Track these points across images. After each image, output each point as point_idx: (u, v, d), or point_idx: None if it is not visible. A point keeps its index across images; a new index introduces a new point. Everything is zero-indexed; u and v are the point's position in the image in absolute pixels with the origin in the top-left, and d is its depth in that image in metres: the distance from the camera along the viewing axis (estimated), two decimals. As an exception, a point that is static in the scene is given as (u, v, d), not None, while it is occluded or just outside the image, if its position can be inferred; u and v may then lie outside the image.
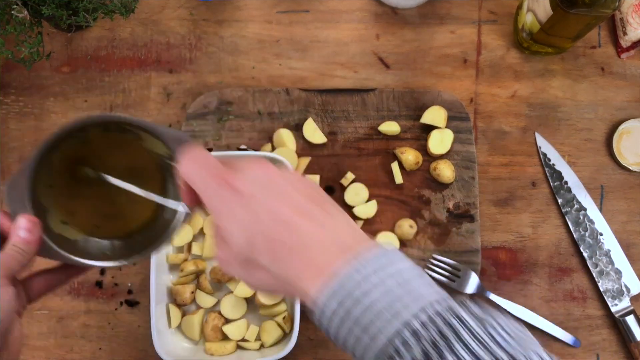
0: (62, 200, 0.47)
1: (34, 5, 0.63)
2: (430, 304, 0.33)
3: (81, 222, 0.48)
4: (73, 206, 0.48)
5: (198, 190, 0.38)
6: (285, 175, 0.38)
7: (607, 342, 0.71)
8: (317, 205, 0.37)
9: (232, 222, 0.36)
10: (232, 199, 0.36)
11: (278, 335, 0.66)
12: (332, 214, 0.37)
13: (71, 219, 0.47)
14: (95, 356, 0.70)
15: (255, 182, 0.37)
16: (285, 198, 0.36)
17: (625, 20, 0.71)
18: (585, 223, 0.71)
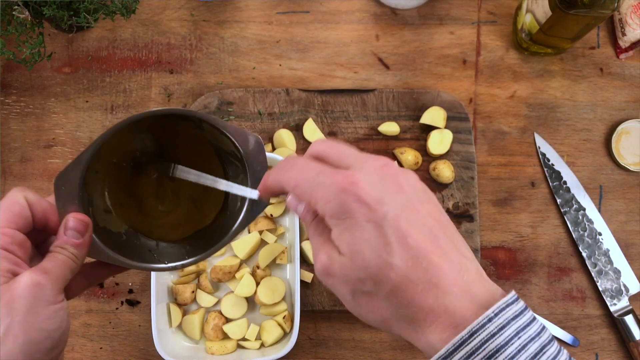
0: (109, 186, 0.44)
1: (35, 6, 0.64)
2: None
3: (128, 213, 0.44)
4: (121, 196, 0.44)
5: (303, 194, 0.34)
6: (410, 182, 0.34)
7: (606, 342, 0.71)
8: (448, 237, 0.33)
9: (357, 240, 0.32)
10: (358, 211, 0.32)
11: (278, 335, 0.66)
12: (462, 251, 0.33)
13: (116, 209, 0.44)
14: (96, 355, 0.71)
15: (384, 191, 0.33)
16: (419, 221, 0.32)
17: (624, 21, 0.71)
18: (584, 223, 0.72)
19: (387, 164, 0.34)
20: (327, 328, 0.71)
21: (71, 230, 0.39)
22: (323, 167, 0.34)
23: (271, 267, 0.69)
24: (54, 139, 0.74)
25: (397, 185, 0.33)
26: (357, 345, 0.71)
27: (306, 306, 0.69)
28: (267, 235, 0.69)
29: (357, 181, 0.32)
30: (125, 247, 0.43)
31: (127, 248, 0.43)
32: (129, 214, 0.45)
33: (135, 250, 0.44)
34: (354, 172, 0.33)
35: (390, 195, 0.33)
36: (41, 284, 0.37)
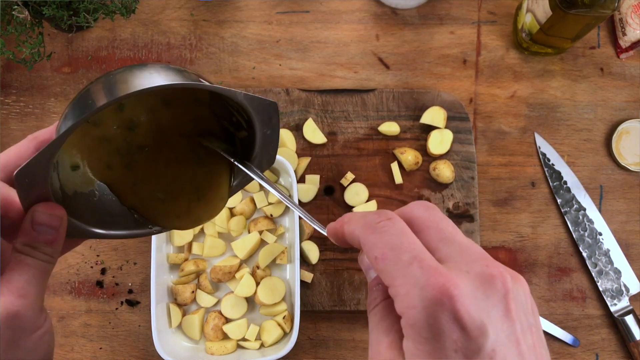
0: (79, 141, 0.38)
1: (35, 5, 0.64)
2: None
3: (98, 166, 0.39)
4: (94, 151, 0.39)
5: (384, 273, 0.27)
6: (520, 301, 0.27)
7: (607, 342, 0.71)
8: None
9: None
10: (449, 335, 0.25)
11: (278, 335, 0.66)
12: None
13: (86, 162, 0.39)
14: (96, 356, 0.71)
15: (488, 313, 0.26)
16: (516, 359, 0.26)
17: (624, 20, 0.71)
18: (585, 223, 0.72)
19: (499, 273, 0.27)
20: (327, 328, 0.71)
21: (40, 225, 0.32)
22: (420, 252, 0.27)
23: (271, 267, 0.69)
24: (53, 139, 0.74)
25: (505, 306, 0.26)
26: (357, 345, 0.71)
27: (306, 306, 0.69)
28: (267, 235, 0.69)
29: (458, 294, 0.25)
30: (99, 210, 0.39)
31: (102, 212, 0.39)
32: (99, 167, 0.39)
33: (112, 213, 0.39)
34: (456, 276, 0.26)
35: (494, 321, 0.26)
36: (19, 313, 0.31)
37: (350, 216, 0.30)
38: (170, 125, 0.40)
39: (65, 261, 0.71)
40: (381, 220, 0.28)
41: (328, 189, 0.72)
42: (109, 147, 0.39)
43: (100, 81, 0.32)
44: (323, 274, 0.70)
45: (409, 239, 0.28)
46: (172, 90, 0.36)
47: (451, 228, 0.29)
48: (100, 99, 0.30)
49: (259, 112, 0.36)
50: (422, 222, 0.29)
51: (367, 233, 0.28)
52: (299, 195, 0.70)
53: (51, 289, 0.71)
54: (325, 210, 0.71)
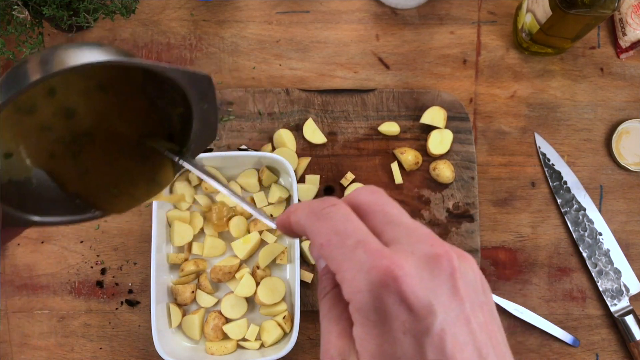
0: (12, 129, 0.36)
1: (35, 5, 0.64)
2: None
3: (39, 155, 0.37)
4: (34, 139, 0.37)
5: (330, 260, 0.27)
6: (469, 279, 0.27)
7: (607, 342, 0.71)
8: (497, 357, 0.27)
9: (385, 355, 0.26)
10: (397, 317, 0.25)
11: (278, 335, 0.66)
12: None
13: (24, 150, 0.37)
14: (96, 356, 0.71)
15: (435, 293, 0.25)
16: (468, 338, 0.26)
17: (624, 20, 0.71)
18: (585, 223, 0.72)
19: (444, 252, 0.26)
20: (327, 328, 0.71)
21: None
22: (364, 236, 0.26)
23: (271, 267, 0.69)
24: (53, 139, 0.74)
25: (452, 284, 0.26)
26: (357, 346, 0.71)
27: (306, 306, 0.69)
28: (267, 235, 0.69)
29: (403, 275, 0.25)
30: (37, 197, 0.37)
31: (40, 199, 0.37)
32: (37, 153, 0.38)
33: (52, 199, 0.38)
34: (400, 257, 0.26)
35: (441, 300, 0.25)
36: None
37: (296, 206, 0.30)
38: (110, 111, 0.39)
39: (65, 261, 0.71)
40: (325, 206, 0.28)
41: (328, 189, 0.72)
42: (51, 136, 0.38)
43: (33, 60, 0.30)
44: (323, 274, 0.70)
45: (354, 223, 0.27)
46: (104, 71, 0.35)
47: (396, 210, 0.28)
48: (32, 76, 0.29)
49: (193, 87, 0.35)
50: (368, 206, 0.28)
51: (312, 220, 0.28)
52: (299, 195, 0.70)
53: (51, 289, 0.71)
54: (325, 210, 0.71)
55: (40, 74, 0.29)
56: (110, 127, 0.39)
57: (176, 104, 0.38)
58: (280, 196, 0.68)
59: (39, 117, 0.37)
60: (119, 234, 0.72)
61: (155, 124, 0.40)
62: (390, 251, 0.26)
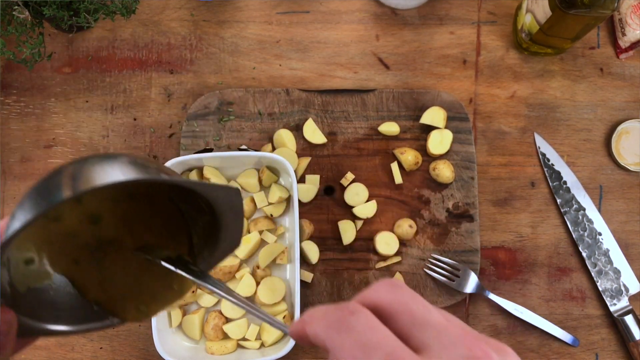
0: (36, 235, 0.36)
1: (35, 6, 0.64)
2: None
3: (62, 261, 0.37)
4: (58, 245, 0.37)
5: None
6: None
7: (606, 342, 0.71)
8: None
9: None
10: None
11: (278, 335, 0.66)
12: None
13: (46, 256, 0.37)
14: (96, 355, 0.71)
15: None
16: None
17: (624, 21, 0.71)
18: (584, 223, 0.72)
19: (484, 355, 0.24)
20: (327, 328, 0.71)
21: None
22: (393, 347, 0.24)
23: (271, 267, 0.69)
24: (54, 139, 0.74)
25: None
26: (357, 345, 0.71)
27: (306, 306, 0.69)
28: (267, 235, 0.69)
29: None
30: (55, 305, 0.36)
31: (59, 306, 0.36)
32: (59, 260, 0.37)
33: (71, 307, 0.37)
34: None
35: None
36: None
37: (311, 314, 0.26)
38: (135, 218, 0.39)
39: (65, 261, 0.71)
40: (344, 315, 0.25)
41: (328, 189, 0.72)
42: (76, 242, 0.37)
43: (61, 174, 0.30)
44: (323, 273, 0.71)
45: (379, 333, 0.24)
46: (133, 183, 0.35)
47: (422, 308, 0.25)
48: (60, 193, 0.29)
49: (221, 199, 0.35)
50: (390, 306, 0.25)
51: (332, 334, 0.25)
52: (299, 195, 0.70)
53: (51, 289, 0.71)
54: (325, 210, 0.71)
55: (71, 191, 0.29)
56: (134, 235, 0.39)
57: (202, 212, 0.37)
58: (281, 196, 0.68)
59: (65, 224, 0.37)
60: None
61: (178, 233, 0.40)
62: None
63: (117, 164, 0.31)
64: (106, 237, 0.38)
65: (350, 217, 0.71)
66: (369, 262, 0.71)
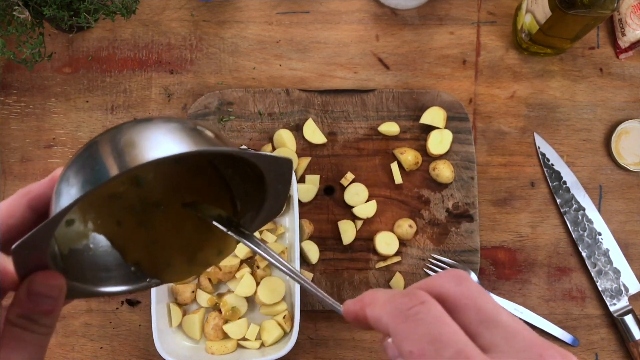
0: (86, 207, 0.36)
1: (36, 6, 0.64)
2: None
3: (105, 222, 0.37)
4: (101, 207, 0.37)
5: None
6: None
7: (606, 342, 0.71)
8: None
9: None
10: None
11: (278, 335, 0.67)
12: None
13: (89, 217, 0.37)
14: (97, 355, 0.71)
15: None
16: None
17: (623, 21, 0.71)
18: (584, 223, 0.72)
19: (552, 358, 0.23)
20: (327, 328, 0.71)
21: (40, 296, 0.29)
22: (464, 345, 0.23)
23: (271, 267, 0.69)
24: (54, 139, 0.74)
25: None
26: (357, 345, 0.71)
27: (306, 306, 0.69)
28: (267, 235, 0.69)
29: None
30: (94, 265, 0.37)
31: (97, 267, 0.37)
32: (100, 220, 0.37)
33: (108, 267, 0.37)
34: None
35: None
36: None
37: (373, 296, 0.26)
38: (179, 181, 0.39)
39: (65, 261, 0.72)
40: (414, 305, 0.24)
41: (328, 189, 0.72)
42: (120, 205, 0.38)
43: (107, 143, 0.29)
44: (323, 273, 0.71)
45: (450, 328, 0.23)
46: None
47: (492, 305, 0.24)
48: (110, 168, 0.28)
49: (273, 169, 0.35)
50: (457, 299, 0.25)
51: (398, 321, 0.24)
52: (299, 195, 0.70)
53: (52, 289, 0.71)
54: (325, 210, 0.72)
55: (118, 168, 0.27)
56: (178, 196, 0.39)
57: (248, 179, 0.38)
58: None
59: (108, 188, 0.36)
60: (120, 234, 0.72)
61: (221, 196, 0.40)
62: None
63: (170, 134, 0.30)
64: (151, 199, 0.38)
65: (350, 217, 0.71)
66: (369, 262, 0.71)
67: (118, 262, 0.38)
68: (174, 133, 0.30)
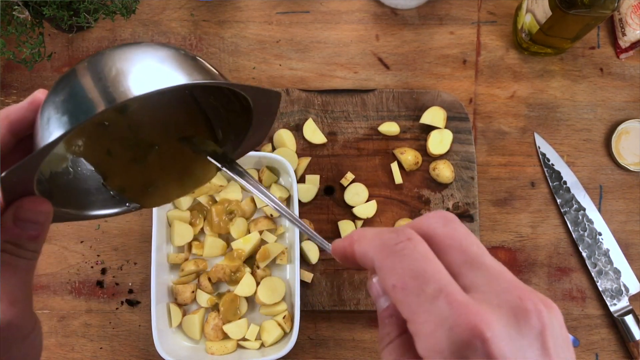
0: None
1: (35, 6, 0.64)
2: None
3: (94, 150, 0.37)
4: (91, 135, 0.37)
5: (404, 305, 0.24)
6: (555, 333, 0.24)
7: (606, 342, 0.71)
8: None
9: None
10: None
11: (278, 335, 0.66)
12: None
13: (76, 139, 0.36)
14: (96, 355, 0.71)
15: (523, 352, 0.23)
16: None
17: (624, 21, 0.71)
18: (584, 223, 0.72)
19: (534, 307, 0.24)
20: (327, 328, 0.71)
21: (26, 222, 0.30)
22: (447, 283, 0.23)
23: (271, 267, 0.69)
24: (54, 139, 0.74)
25: (542, 344, 0.24)
26: (357, 345, 0.71)
27: (306, 306, 0.69)
28: (267, 235, 0.69)
29: (492, 336, 0.22)
30: (74, 189, 0.37)
31: (77, 191, 0.37)
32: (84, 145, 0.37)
33: (87, 191, 0.37)
34: (487, 312, 0.23)
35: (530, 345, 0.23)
36: (12, 323, 0.29)
37: (361, 233, 0.26)
38: (163, 112, 0.39)
39: (65, 261, 0.72)
40: (400, 240, 0.25)
41: (328, 189, 0.72)
42: (109, 134, 0.38)
43: (98, 70, 0.29)
44: (323, 274, 0.71)
45: (434, 265, 0.24)
46: None
47: (476, 247, 0.25)
48: (104, 98, 0.27)
49: (261, 102, 0.35)
50: (443, 239, 0.25)
51: (384, 255, 0.25)
52: (299, 195, 0.70)
53: (51, 289, 0.71)
54: (326, 210, 0.71)
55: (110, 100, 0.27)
56: (165, 127, 0.39)
57: (233, 110, 0.38)
58: (281, 196, 0.68)
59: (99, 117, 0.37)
60: (119, 234, 0.72)
61: (205, 125, 0.40)
62: (476, 305, 0.23)
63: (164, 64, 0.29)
64: (139, 130, 0.38)
65: (350, 217, 0.71)
66: (369, 262, 0.71)
67: (97, 187, 0.38)
68: (168, 62, 0.30)
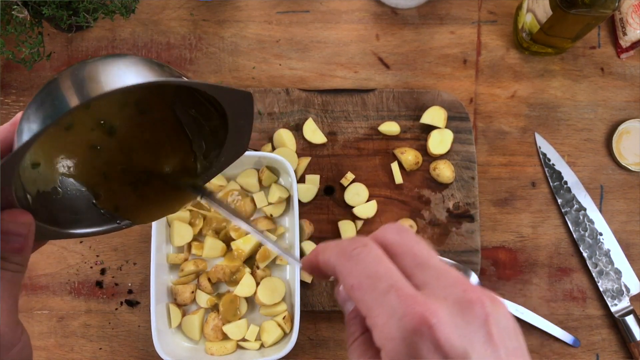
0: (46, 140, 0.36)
1: (35, 5, 0.64)
2: None
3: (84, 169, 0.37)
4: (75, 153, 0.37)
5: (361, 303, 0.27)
6: (501, 324, 0.26)
7: (607, 342, 0.71)
8: None
9: None
10: None
11: (278, 335, 0.66)
12: None
13: (47, 159, 0.36)
14: (96, 356, 0.70)
15: (469, 339, 0.25)
16: None
17: (624, 20, 0.71)
18: (585, 223, 0.72)
19: (477, 298, 0.26)
20: (327, 328, 0.71)
21: (8, 235, 0.30)
22: (397, 280, 0.27)
23: (271, 267, 0.69)
24: (53, 139, 0.74)
25: (487, 331, 0.26)
26: (357, 346, 0.70)
27: (306, 306, 0.69)
28: (267, 235, 0.68)
29: (438, 322, 0.25)
30: (63, 208, 0.37)
31: (66, 210, 0.37)
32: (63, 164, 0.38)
33: (77, 210, 0.38)
34: (433, 303, 0.25)
35: (476, 347, 0.25)
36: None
37: (324, 245, 0.30)
38: (145, 131, 0.39)
39: (64, 261, 0.71)
40: (356, 247, 0.28)
41: (328, 189, 0.72)
42: (103, 158, 0.38)
43: (67, 78, 0.29)
44: (323, 274, 0.70)
45: (385, 266, 0.27)
46: (142, 89, 0.35)
47: (425, 252, 0.28)
48: (70, 99, 0.28)
49: (233, 104, 0.35)
50: (397, 246, 0.28)
51: (342, 261, 0.28)
52: (299, 195, 0.70)
53: (51, 289, 0.71)
54: (326, 210, 0.71)
55: (78, 98, 0.28)
56: (151, 147, 0.39)
57: (210, 118, 0.38)
58: (280, 196, 0.68)
59: (82, 133, 0.37)
60: (119, 234, 0.72)
61: (188, 144, 0.40)
62: (423, 297, 0.26)
63: (132, 67, 0.30)
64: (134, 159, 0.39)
65: (351, 217, 0.71)
66: (369, 263, 0.71)
67: (87, 206, 0.38)
68: (135, 66, 0.30)
